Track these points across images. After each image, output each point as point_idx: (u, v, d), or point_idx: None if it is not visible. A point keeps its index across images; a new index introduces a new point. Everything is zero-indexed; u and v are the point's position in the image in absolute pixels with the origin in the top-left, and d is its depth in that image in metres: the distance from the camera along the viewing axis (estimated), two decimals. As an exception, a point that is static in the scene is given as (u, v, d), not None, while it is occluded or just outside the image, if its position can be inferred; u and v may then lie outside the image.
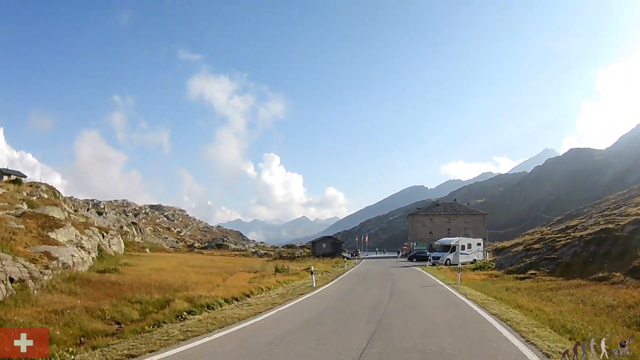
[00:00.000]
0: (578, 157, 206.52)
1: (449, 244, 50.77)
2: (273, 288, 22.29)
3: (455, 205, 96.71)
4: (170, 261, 43.72)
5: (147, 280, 23.16)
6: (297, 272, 32.43)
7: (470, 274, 33.20)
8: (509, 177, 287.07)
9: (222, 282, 24.37)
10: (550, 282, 26.19)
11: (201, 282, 23.53)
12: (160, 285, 21.04)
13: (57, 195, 56.49)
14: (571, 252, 31.10)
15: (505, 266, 36.37)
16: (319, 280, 27.07)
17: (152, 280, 23.23)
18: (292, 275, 29.93)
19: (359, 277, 31.25)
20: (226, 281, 24.99)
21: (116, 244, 48.20)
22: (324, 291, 21.13)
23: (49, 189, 55.05)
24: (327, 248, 79.07)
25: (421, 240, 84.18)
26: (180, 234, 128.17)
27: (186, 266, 36.25)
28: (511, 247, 53.93)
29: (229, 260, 56.37)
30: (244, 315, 13.07)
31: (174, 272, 29.08)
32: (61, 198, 57.57)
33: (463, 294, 18.94)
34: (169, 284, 21.38)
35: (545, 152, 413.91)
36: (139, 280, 23.03)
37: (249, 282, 24.74)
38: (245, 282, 24.59)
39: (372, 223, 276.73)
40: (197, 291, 18.27)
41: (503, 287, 24.65)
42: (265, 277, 28.05)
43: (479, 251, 51.94)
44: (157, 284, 21.51)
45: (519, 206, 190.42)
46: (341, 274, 34.10)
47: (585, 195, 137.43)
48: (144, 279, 23.48)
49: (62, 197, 58.99)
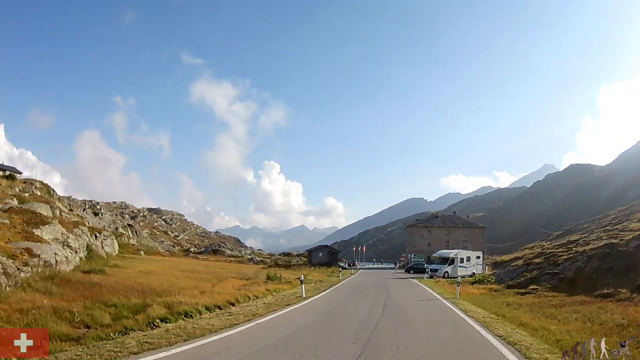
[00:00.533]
0: (578, 173, 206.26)
1: (447, 257, 49.30)
2: (261, 297, 21.21)
3: (455, 217, 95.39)
4: (162, 264, 42.92)
5: (131, 283, 22.30)
6: (289, 280, 31.08)
7: (469, 288, 32.07)
8: (509, 191, 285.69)
9: (210, 288, 23.22)
10: (553, 297, 25.17)
11: (188, 287, 22.45)
12: (143, 289, 19.95)
13: (52, 193, 55.20)
14: (574, 267, 30.16)
15: (505, 280, 35.22)
16: (311, 290, 25.96)
17: (137, 283, 22.34)
18: (284, 284, 28.68)
19: (352, 288, 30.05)
20: (215, 287, 23.81)
21: (109, 245, 47.84)
22: (313, 302, 19.81)
23: (43, 186, 53.77)
24: (323, 257, 77.53)
25: (419, 252, 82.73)
26: (177, 238, 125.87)
27: (177, 270, 35.39)
28: (510, 261, 52.78)
29: (223, 266, 55.35)
30: (217, 326, 11.87)
31: (163, 276, 28.22)
32: (55, 196, 56.28)
33: (463, 310, 17.55)
34: (153, 288, 20.28)
35: (545, 168, 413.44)
36: (123, 282, 22.16)
37: (237, 290, 23.45)
38: (234, 290, 23.31)
39: (371, 234, 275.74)
40: (181, 297, 17.23)
41: (503, 303, 23.57)
42: (256, 285, 26.81)
43: (478, 264, 50.53)
44: (140, 287, 20.47)
45: (518, 220, 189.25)
46: (335, 284, 32.87)
47: (585, 210, 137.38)
48: (128, 282, 22.65)
49: (56, 196, 57.84)
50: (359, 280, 39.79)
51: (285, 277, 34.67)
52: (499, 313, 17.83)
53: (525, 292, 28.47)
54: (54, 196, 54.44)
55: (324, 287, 29.05)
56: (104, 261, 34.92)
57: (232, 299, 18.32)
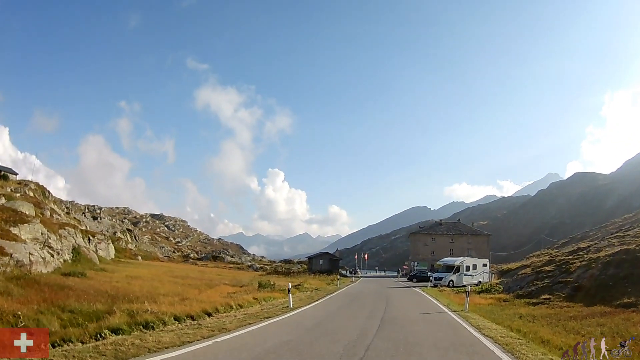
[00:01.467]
0: (582, 182, 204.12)
1: (452, 264, 46.60)
2: (246, 306, 19.11)
3: (459, 225, 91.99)
4: (154, 270, 41.72)
5: (109, 287, 20.64)
6: (283, 288, 28.76)
7: (475, 298, 29.86)
8: (513, 200, 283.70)
9: (196, 295, 21.26)
10: (569, 308, 23.02)
11: (171, 293, 20.66)
12: (118, 294, 18.22)
13: (47, 195, 54.04)
14: (588, 275, 28.12)
15: (513, 289, 33.00)
16: (304, 299, 23.99)
17: (115, 288, 20.71)
18: (277, 292, 26.50)
19: (349, 297, 27.50)
20: (201, 295, 21.87)
21: (104, 249, 47.04)
22: (299, 314, 17.12)
23: (38, 187, 52.66)
24: (324, 264, 75.16)
25: (422, 260, 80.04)
26: (178, 244, 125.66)
27: (168, 276, 34.21)
28: (517, 269, 50.56)
29: (219, 272, 53.84)
30: (165, 343, 9.63)
31: (149, 282, 26.69)
32: (51, 198, 55.51)
33: (476, 327, 14.62)
34: (130, 294, 18.44)
35: (550, 177, 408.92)
36: (100, 287, 20.54)
37: (224, 297, 21.54)
38: (220, 297, 21.35)
39: (374, 242, 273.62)
40: (156, 304, 15.41)
41: (515, 314, 21.43)
42: (245, 293, 24.86)
43: (485, 273, 48.04)
44: (115, 292, 18.76)
45: (522, 229, 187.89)
46: (331, 293, 30.63)
47: (589, 219, 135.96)
48: (106, 286, 21.02)
49: (52, 198, 57.09)
50: (358, 289, 37.31)
51: (280, 284, 32.73)
52: (513, 327, 15.76)
53: (537, 303, 26.35)
54: (49, 198, 53.44)
55: (318, 296, 26.67)
56: (91, 264, 33.68)
57: (211, 308, 16.29)
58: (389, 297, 28.35)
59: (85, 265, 31.38)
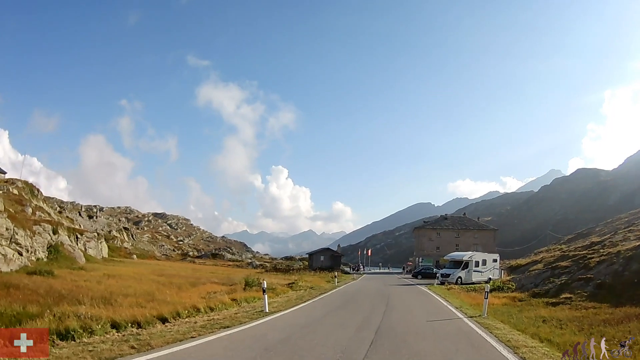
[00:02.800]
0: (585, 178, 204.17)
1: (460, 260, 42.73)
2: (219, 309, 16.16)
3: (465, 219, 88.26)
4: (142, 268, 39.51)
5: (71, 287, 18.08)
6: (273, 287, 25.76)
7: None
8: (516, 195, 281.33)
9: (172, 295, 18.47)
10: (596, 310, 19.93)
11: (141, 294, 17.84)
12: (71, 294, 15.58)
13: (36, 193, 51.52)
14: (609, 271, 25.18)
15: (528, 287, 29.89)
16: (291, 300, 20.87)
17: (77, 288, 18.02)
18: (267, 292, 23.43)
19: (344, 298, 23.95)
20: (178, 295, 19.10)
21: (93, 248, 45.80)
22: (269, 323, 13.01)
23: (26, 186, 50.48)
24: (325, 261, 72.01)
25: (427, 256, 76.96)
26: (180, 242, 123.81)
27: (154, 274, 31.59)
28: (527, 265, 47.46)
29: (214, 270, 50.95)
30: None
31: (124, 281, 23.95)
32: (41, 197, 53.02)
33: (505, 344, 10.55)
34: (86, 294, 15.76)
35: (552, 173, 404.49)
36: (60, 286, 17.85)
37: (201, 298, 18.73)
38: (198, 298, 18.52)
39: (378, 238, 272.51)
40: (107, 308, 12.90)
41: (537, 318, 18.41)
42: (230, 293, 21.87)
43: (495, 269, 44.37)
44: (70, 292, 16.12)
45: (526, 225, 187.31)
46: (326, 292, 27.28)
47: (593, 215, 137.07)
48: (69, 286, 18.53)
49: (42, 196, 54.67)
50: (357, 287, 33.91)
51: (274, 282, 29.90)
52: (543, 336, 12.83)
53: (557, 303, 23.37)
54: (37, 196, 51.14)
55: (310, 297, 23.26)
56: (69, 263, 31.18)
57: (173, 312, 13.44)
58: (391, 298, 24.68)
59: (63, 264, 29.27)
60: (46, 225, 32.78)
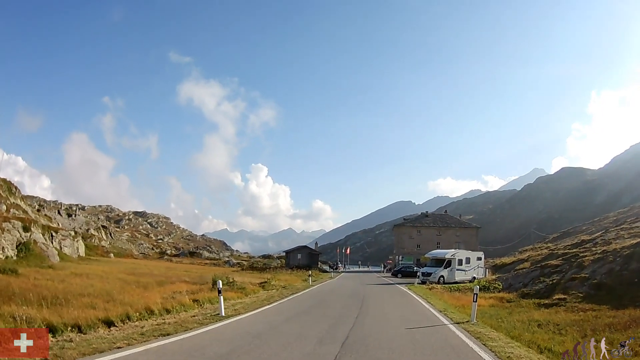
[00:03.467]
0: (570, 177, 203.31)
1: (443, 258, 40.21)
2: (176, 311, 14.04)
3: (447, 217, 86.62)
4: (115, 267, 37.65)
5: (31, 286, 16.66)
6: (243, 286, 23.49)
7: (471, 297, 24.49)
8: (499, 194, 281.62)
9: (136, 295, 16.82)
10: (595, 312, 18.24)
11: (101, 294, 16.14)
12: (16, 294, 13.65)
13: (14, 190, 49.75)
14: (605, 270, 23.63)
15: (516, 287, 27.91)
16: (256, 302, 18.44)
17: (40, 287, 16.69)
18: (235, 292, 21.33)
19: (316, 299, 21.55)
20: (142, 294, 17.25)
21: (69, 246, 45.32)
22: (218, 330, 10.62)
23: (4, 183, 48.32)
24: (302, 259, 69.84)
25: (408, 254, 74.81)
26: (160, 241, 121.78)
27: (124, 273, 29.89)
28: (513, 263, 45.75)
29: (188, 269, 48.77)
30: None
31: (90, 280, 22.27)
32: (18, 194, 51.07)
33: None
34: (34, 294, 13.89)
35: (535, 172, 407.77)
36: (21, 285, 16.22)
37: (165, 298, 16.67)
38: (161, 298, 16.31)
39: (358, 236, 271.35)
40: (50, 309, 11.34)
41: (530, 321, 16.49)
42: (199, 292, 19.55)
43: (479, 267, 42.26)
44: (20, 292, 14.26)
45: (508, 224, 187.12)
46: (298, 292, 24.80)
47: (578, 214, 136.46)
48: (28, 285, 17.00)
49: (19, 194, 52.48)
50: (332, 287, 31.49)
51: (246, 281, 27.79)
52: (541, 344, 11.01)
53: (550, 304, 21.66)
54: (15, 194, 49.62)
55: (279, 297, 20.85)
56: (39, 261, 30.51)
57: (122, 314, 11.77)
58: (367, 299, 22.13)
59: (32, 262, 28.68)
60: (16, 222, 31.97)
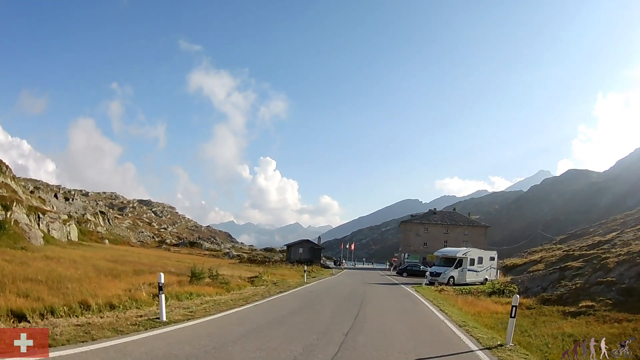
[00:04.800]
0: (576, 179, 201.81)
1: (454, 256, 36.16)
2: (125, 307, 11.17)
3: (455, 214, 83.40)
4: (100, 253, 35.79)
5: None
6: (227, 281, 20.55)
7: (486, 302, 21.90)
8: (505, 195, 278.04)
9: (99, 284, 14.61)
10: (630, 322, 15.55)
11: (56, 281, 13.95)
12: None
13: (3, 169, 48.21)
14: (633, 273, 20.77)
15: (534, 291, 25.13)
16: (235, 299, 15.62)
17: None
18: (216, 287, 18.27)
19: (302, 301, 17.40)
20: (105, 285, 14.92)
21: (58, 229, 44.88)
22: (129, 347, 6.98)
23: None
24: (304, 254, 66.75)
25: (414, 252, 72.05)
26: (163, 230, 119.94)
27: (108, 260, 28.21)
28: (525, 264, 42.82)
29: (182, 259, 45.86)
30: None
31: (64, 265, 20.36)
32: (9, 173, 49.50)
33: None
34: None
35: (541, 174, 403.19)
36: None
37: (128, 290, 14.29)
38: (123, 290, 13.95)
39: (364, 233, 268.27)
40: None
41: (563, 336, 13.61)
42: (171, 285, 16.59)
43: (492, 268, 38.47)
44: None
45: (514, 224, 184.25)
46: (288, 290, 21.46)
47: (584, 216, 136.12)
48: None
49: (9, 173, 50.62)
50: (330, 285, 28.51)
51: (235, 275, 25.19)
52: None
53: (577, 312, 18.63)
54: (6, 173, 48.29)
55: (262, 296, 17.51)
56: (13, 242, 29.25)
57: (45, 307, 9.58)
58: (366, 303, 18.03)
59: (4, 242, 27.90)
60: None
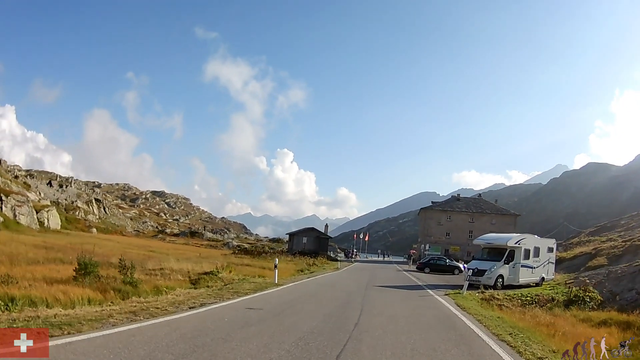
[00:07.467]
0: (596, 172, 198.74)
1: (504, 245, 24.16)
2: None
3: (481, 201, 72.76)
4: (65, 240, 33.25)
5: None
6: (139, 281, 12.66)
7: (571, 321, 12.76)
8: (524, 187, 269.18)
9: None
10: None
11: None
12: None
13: None
14: None
15: (627, 298, 16.08)
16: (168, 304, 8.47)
17: None
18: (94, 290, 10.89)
19: (272, 312, 10.06)
20: None
21: (26, 214, 45.82)
22: None
23: None
24: (308, 244, 56.82)
25: (435, 244, 62.40)
26: (171, 221, 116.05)
27: (40, 247, 24.97)
28: (575, 258, 33.69)
29: (172, 249, 42.97)
30: None
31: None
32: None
33: None
34: None
35: (558, 168, 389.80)
36: None
37: None
38: None
39: (381, 225, 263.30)
40: None
41: None
42: None
43: (550, 263, 26.79)
44: None
45: (534, 217, 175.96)
46: (246, 295, 12.30)
47: (606, 209, 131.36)
48: None
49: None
50: (321, 287, 19.32)
51: (183, 269, 18.86)
52: None
53: None
54: None
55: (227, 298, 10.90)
56: None
57: None
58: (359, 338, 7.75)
59: None
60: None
